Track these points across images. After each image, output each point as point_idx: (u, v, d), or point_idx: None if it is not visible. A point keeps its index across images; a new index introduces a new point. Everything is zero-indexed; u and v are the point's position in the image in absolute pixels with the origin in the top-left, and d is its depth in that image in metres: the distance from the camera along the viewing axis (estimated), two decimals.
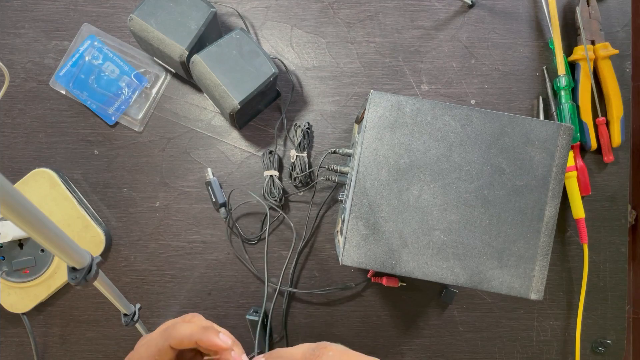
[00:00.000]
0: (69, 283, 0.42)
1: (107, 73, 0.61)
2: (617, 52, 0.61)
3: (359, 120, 0.57)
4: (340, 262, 0.44)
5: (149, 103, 0.62)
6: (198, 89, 0.63)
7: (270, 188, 0.60)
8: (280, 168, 0.62)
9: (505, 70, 0.63)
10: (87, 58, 0.61)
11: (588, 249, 0.60)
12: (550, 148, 0.45)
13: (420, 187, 0.45)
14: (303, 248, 0.62)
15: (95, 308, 0.62)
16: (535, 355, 0.63)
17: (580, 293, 0.61)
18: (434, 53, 0.63)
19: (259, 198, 0.60)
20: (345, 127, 0.63)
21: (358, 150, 0.45)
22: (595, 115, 0.62)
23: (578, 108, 0.61)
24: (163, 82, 0.62)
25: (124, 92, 0.62)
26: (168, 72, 0.63)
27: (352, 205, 0.45)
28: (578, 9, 0.61)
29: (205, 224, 0.62)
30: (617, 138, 0.61)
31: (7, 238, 0.57)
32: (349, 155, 0.55)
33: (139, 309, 0.47)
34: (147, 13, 0.54)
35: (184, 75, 0.60)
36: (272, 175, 0.60)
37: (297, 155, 0.60)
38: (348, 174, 0.53)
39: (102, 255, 0.60)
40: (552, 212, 0.45)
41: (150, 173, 0.62)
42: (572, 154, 0.61)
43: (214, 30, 0.58)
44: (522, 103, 0.63)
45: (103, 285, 0.40)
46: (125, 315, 0.46)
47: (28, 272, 0.59)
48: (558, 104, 0.61)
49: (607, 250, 0.62)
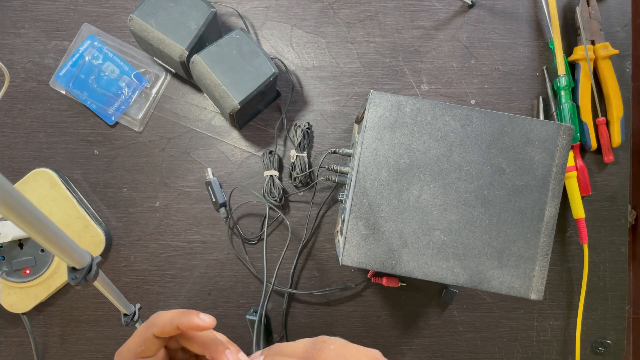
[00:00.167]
0: (69, 283, 0.42)
1: (107, 73, 0.61)
2: (617, 52, 0.61)
3: (359, 120, 0.57)
4: (340, 262, 0.44)
5: (149, 103, 0.62)
6: (198, 89, 0.63)
7: (270, 188, 0.60)
8: (280, 168, 0.62)
9: (505, 70, 0.63)
10: (87, 58, 0.61)
11: (588, 249, 0.60)
12: (550, 148, 0.45)
13: (420, 187, 0.45)
14: (303, 248, 0.62)
15: (95, 308, 0.62)
16: (535, 355, 0.63)
17: (580, 293, 0.61)
18: (434, 53, 0.63)
19: (259, 195, 0.60)
20: (345, 127, 0.63)
21: (358, 150, 0.45)
22: (595, 115, 0.62)
23: (578, 108, 0.61)
24: (163, 82, 0.62)
25: (124, 92, 0.62)
26: (168, 72, 0.63)
27: (352, 205, 0.45)
28: (578, 9, 0.61)
29: (205, 224, 0.62)
30: (617, 138, 0.61)
31: (7, 238, 0.57)
32: (349, 155, 0.55)
33: (139, 309, 0.47)
34: (147, 13, 0.54)
35: (184, 75, 0.60)
36: (272, 175, 0.60)
37: (297, 155, 0.60)
38: (348, 174, 0.53)
39: (102, 255, 0.60)
40: (552, 212, 0.45)
41: (150, 173, 0.62)
42: (572, 154, 0.61)
43: (214, 30, 0.58)
44: (522, 103, 0.63)
45: (103, 285, 0.40)
46: (125, 315, 0.46)
47: (28, 272, 0.59)
48: (558, 104, 0.61)
49: (607, 250, 0.62)
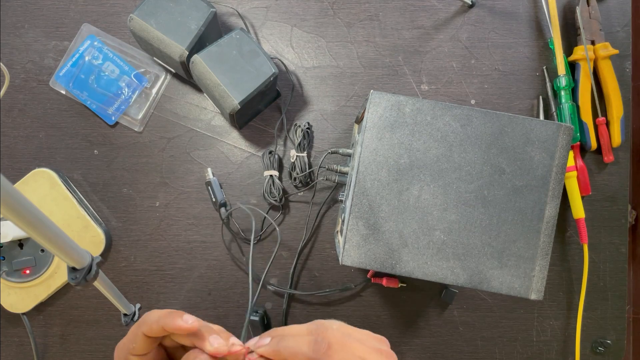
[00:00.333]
0: (69, 283, 0.42)
1: (107, 73, 0.61)
2: (617, 52, 0.61)
3: (359, 120, 0.57)
4: (340, 262, 0.44)
5: (149, 103, 0.62)
6: (198, 89, 0.63)
7: (270, 188, 0.60)
8: (280, 168, 0.62)
9: (505, 70, 0.63)
10: (87, 58, 0.61)
11: (588, 249, 0.60)
12: (550, 148, 0.45)
13: (420, 187, 0.45)
14: (303, 248, 0.62)
15: (95, 308, 0.62)
16: (535, 355, 0.63)
17: (580, 293, 0.61)
18: (434, 53, 0.63)
19: (246, 209, 0.60)
20: (345, 127, 0.63)
21: (358, 150, 0.45)
22: (595, 115, 0.62)
23: (578, 108, 0.61)
24: (163, 82, 0.62)
25: (124, 92, 0.62)
26: (168, 72, 0.63)
27: (352, 205, 0.45)
28: (578, 9, 0.61)
29: (205, 224, 0.62)
30: (617, 138, 0.61)
31: (7, 238, 0.57)
32: (349, 155, 0.55)
33: (139, 309, 0.47)
34: (147, 13, 0.54)
35: (184, 75, 0.60)
36: (272, 175, 0.60)
37: (297, 155, 0.60)
38: (348, 174, 0.53)
39: (102, 255, 0.60)
40: (552, 212, 0.45)
41: (150, 173, 0.62)
42: (572, 154, 0.61)
43: (214, 30, 0.58)
44: (522, 103, 0.63)
45: (103, 285, 0.40)
46: (125, 315, 0.46)
47: (28, 272, 0.59)
48: (558, 104, 0.61)
49: (607, 250, 0.62)
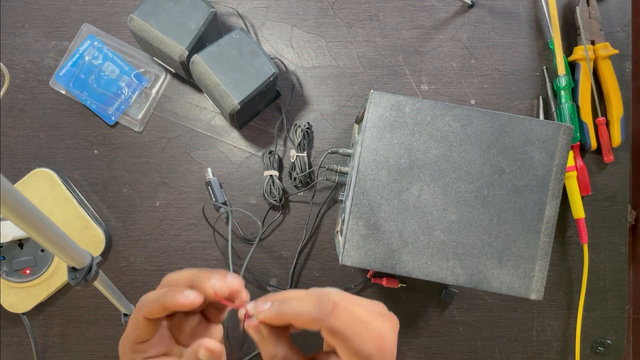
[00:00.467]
0: (69, 283, 0.42)
1: (107, 73, 0.61)
2: (617, 52, 0.61)
3: (359, 120, 0.57)
4: (340, 262, 0.44)
5: (149, 103, 0.62)
6: (198, 89, 0.63)
7: (270, 188, 0.60)
8: (280, 168, 0.62)
9: (505, 70, 0.63)
10: (87, 58, 0.61)
11: (588, 249, 0.60)
12: (550, 148, 0.45)
13: (420, 187, 0.45)
14: (303, 248, 0.62)
15: (95, 308, 0.62)
16: (535, 355, 0.63)
17: (580, 293, 0.61)
18: (434, 53, 0.63)
19: (249, 213, 0.60)
20: (345, 127, 0.63)
21: (358, 150, 0.45)
22: (595, 115, 0.62)
23: (578, 108, 0.61)
24: (163, 82, 0.62)
25: (124, 92, 0.62)
26: (168, 72, 0.63)
27: (352, 205, 0.45)
28: (578, 9, 0.61)
29: (205, 224, 0.62)
30: (617, 138, 0.61)
31: (7, 238, 0.57)
32: (349, 155, 0.55)
33: None
34: (147, 13, 0.54)
35: (184, 75, 0.60)
36: (272, 175, 0.60)
37: (297, 155, 0.60)
38: (348, 174, 0.53)
39: (102, 255, 0.60)
40: (552, 212, 0.45)
41: (150, 173, 0.62)
42: (572, 154, 0.61)
43: (214, 30, 0.58)
44: (522, 103, 0.63)
45: (103, 285, 0.40)
46: (125, 315, 0.46)
47: (28, 272, 0.59)
48: (558, 104, 0.61)
49: (607, 250, 0.62)
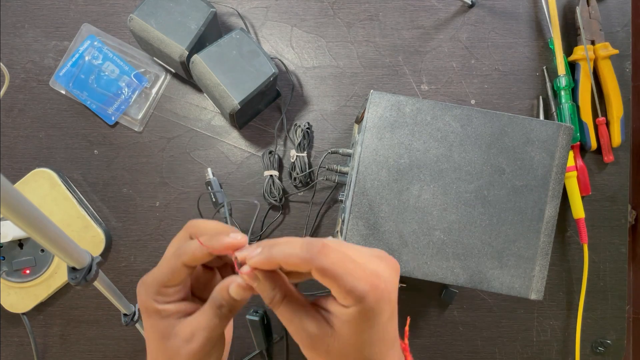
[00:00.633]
0: (69, 283, 0.42)
1: (107, 73, 0.61)
2: (617, 52, 0.61)
3: (359, 120, 0.57)
4: None
5: (149, 103, 0.62)
6: (198, 89, 0.63)
7: (270, 188, 0.60)
8: (280, 168, 0.62)
9: (505, 70, 0.63)
10: (87, 58, 0.61)
11: (588, 249, 0.60)
12: (550, 148, 0.45)
13: (420, 187, 0.45)
14: None
15: (95, 308, 0.62)
16: (535, 355, 0.63)
17: (580, 293, 0.61)
18: (434, 53, 0.63)
19: (245, 199, 0.60)
20: (345, 127, 0.63)
21: (358, 150, 0.45)
22: (595, 115, 0.62)
23: (578, 108, 0.61)
24: (163, 82, 0.62)
25: (124, 92, 0.62)
26: (168, 72, 0.63)
27: (352, 205, 0.45)
28: (578, 9, 0.61)
29: None
30: (617, 138, 0.61)
31: (7, 238, 0.57)
32: (349, 155, 0.55)
33: (139, 309, 0.47)
34: (147, 13, 0.54)
35: (184, 75, 0.60)
36: (272, 175, 0.60)
37: (297, 155, 0.60)
38: (348, 174, 0.53)
39: (102, 255, 0.60)
40: (552, 212, 0.45)
41: (150, 173, 0.62)
42: (572, 154, 0.61)
43: (214, 30, 0.58)
44: (522, 103, 0.63)
45: (103, 285, 0.40)
46: (125, 315, 0.46)
47: (28, 272, 0.59)
48: (558, 104, 0.61)
49: (607, 250, 0.62)
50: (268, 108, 0.62)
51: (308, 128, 0.61)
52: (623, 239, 0.62)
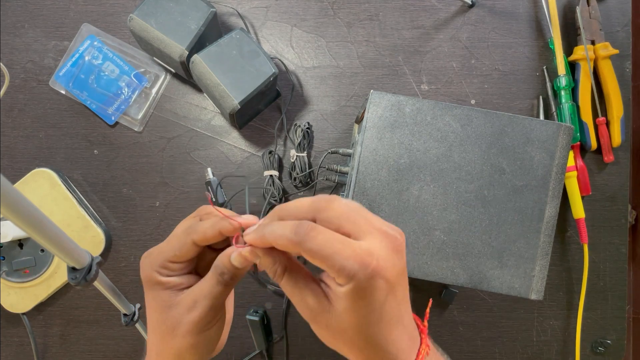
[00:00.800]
0: (69, 283, 0.42)
1: (106, 73, 0.61)
2: (617, 52, 0.61)
3: (359, 120, 0.57)
4: None
5: (149, 103, 0.62)
6: (198, 89, 0.63)
7: (270, 188, 0.60)
8: (280, 168, 0.62)
9: (505, 70, 0.63)
10: (86, 58, 0.61)
11: (588, 249, 0.60)
12: (551, 148, 0.45)
13: (420, 187, 0.45)
14: None
15: (95, 308, 0.62)
16: (536, 355, 0.63)
17: (581, 293, 0.61)
18: (434, 53, 0.63)
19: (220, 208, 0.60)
20: (345, 127, 0.63)
21: (358, 150, 0.45)
22: (596, 115, 0.62)
23: (578, 108, 0.61)
24: (163, 82, 0.62)
25: (124, 92, 0.62)
26: (168, 72, 0.62)
27: None
28: (578, 9, 0.61)
29: None
30: (617, 138, 0.61)
31: (7, 238, 0.57)
32: (349, 155, 0.55)
33: (139, 309, 0.47)
34: (147, 13, 0.54)
35: (184, 75, 0.60)
36: (272, 175, 0.60)
37: (297, 155, 0.60)
38: (348, 174, 0.53)
39: (102, 255, 0.60)
40: (552, 212, 0.45)
41: (150, 173, 0.62)
42: (572, 154, 0.61)
43: (214, 30, 0.58)
44: (522, 103, 0.63)
45: (103, 285, 0.40)
46: (125, 315, 0.46)
47: (28, 272, 0.59)
48: (558, 104, 0.61)
49: (607, 250, 0.62)
50: (268, 108, 0.62)
51: (308, 128, 0.61)
52: (623, 239, 0.62)
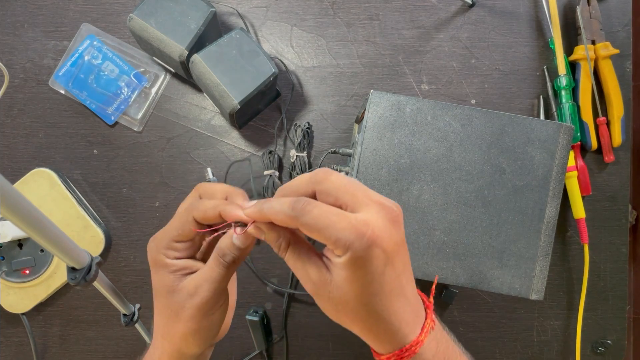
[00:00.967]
0: (69, 283, 0.42)
1: (106, 73, 0.61)
2: (617, 51, 0.61)
3: (359, 120, 0.57)
4: None
5: (149, 103, 0.62)
6: (198, 89, 0.63)
7: (270, 188, 0.60)
8: (280, 168, 0.62)
9: (506, 70, 0.63)
10: (86, 58, 0.61)
11: (589, 249, 0.60)
12: (551, 148, 0.44)
13: (421, 187, 0.45)
14: None
15: (95, 308, 0.62)
16: (536, 356, 0.63)
17: (581, 293, 0.60)
18: (434, 53, 0.63)
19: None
20: (345, 127, 0.62)
21: (358, 150, 0.45)
22: (596, 115, 0.62)
23: (578, 108, 0.61)
24: (162, 81, 0.62)
25: (124, 91, 0.62)
26: (168, 71, 0.62)
27: None
28: (578, 9, 0.61)
29: None
30: (617, 138, 0.61)
31: (6, 238, 0.57)
32: (349, 155, 0.55)
33: (139, 309, 0.47)
34: (146, 13, 0.54)
35: (184, 75, 0.60)
36: (272, 175, 0.60)
37: (297, 155, 0.60)
38: (348, 174, 0.53)
39: (101, 255, 0.60)
40: (552, 212, 0.45)
41: (150, 173, 0.62)
42: (572, 154, 0.61)
43: (214, 30, 0.58)
44: (522, 103, 0.63)
45: (102, 286, 0.40)
46: (125, 316, 0.46)
47: (27, 272, 0.58)
48: (558, 104, 0.61)
49: (607, 251, 0.62)
50: (268, 108, 0.62)
51: (308, 128, 0.61)
52: (623, 239, 0.62)
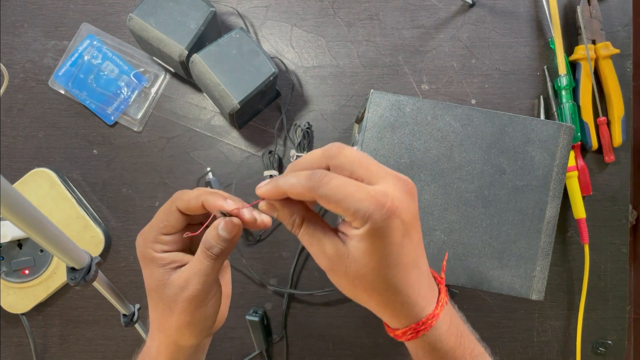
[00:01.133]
0: (68, 283, 0.42)
1: (106, 72, 0.61)
2: (618, 51, 0.60)
3: (359, 120, 0.57)
4: None
5: (149, 103, 0.62)
6: (198, 89, 0.63)
7: None
8: (280, 168, 0.62)
9: (506, 70, 0.62)
10: (86, 57, 0.61)
11: (589, 249, 0.60)
12: (551, 148, 0.44)
13: (421, 187, 0.45)
14: (303, 248, 0.62)
15: (95, 308, 0.62)
16: (536, 356, 0.62)
17: (581, 293, 0.60)
18: (435, 52, 0.63)
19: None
20: (345, 127, 0.62)
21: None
22: (596, 115, 0.62)
23: (579, 108, 0.61)
24: (162, 81, 0.62)
25: (123, 91, 0.62)
26: (167, 71, 0.62)
27: None
28: (579, 9, 0.61)
29: None
30: (618, 138, 0.61)
31: (6, 238, 0.57)
32: None
33: (139, 310, 0.47)
34: (146, 12, 0.53)
35: (184, 75, 0.60)
36: (272, 175, 0.60)
37: (297, 155, 0.60)
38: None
39: (101, 256, 0.60)
40: (552, 212, 0.45)
41: (150, 173, 0.62)
42: (572, 154, 0.61)
43: (214, 30, 0.58)
44: (522, 103, 0.63)
45: (102, 286, 0.40)
46: (125, 316, 0.46)
47: (27, 272, 0.58)
48: (559, 104, 0.61)
49: (608, 251, 0.62)
50: (268, 108, 0.62)
51: (308, 128, 0.61)
52: (624, 239, 0.62)
